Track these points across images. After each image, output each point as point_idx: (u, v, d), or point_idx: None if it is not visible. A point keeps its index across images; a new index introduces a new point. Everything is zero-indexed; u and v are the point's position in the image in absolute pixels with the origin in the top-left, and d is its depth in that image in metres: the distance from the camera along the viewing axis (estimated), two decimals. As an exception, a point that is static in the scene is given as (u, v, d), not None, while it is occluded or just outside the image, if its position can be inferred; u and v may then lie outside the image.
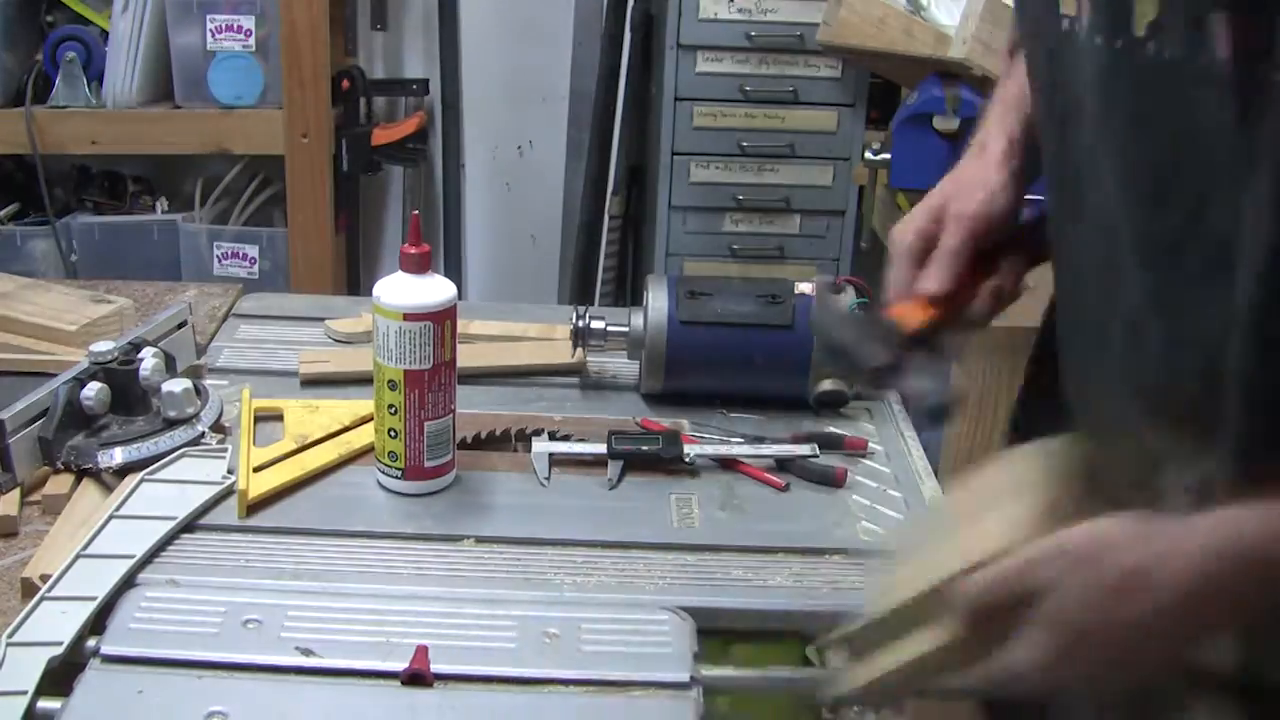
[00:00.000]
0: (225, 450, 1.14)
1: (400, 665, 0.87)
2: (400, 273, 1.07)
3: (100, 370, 1.16)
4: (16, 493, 1.08)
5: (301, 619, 0.92)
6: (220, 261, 2.47)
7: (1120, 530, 0.73)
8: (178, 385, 1.16)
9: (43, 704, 0.83)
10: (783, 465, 1.17)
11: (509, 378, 1.35)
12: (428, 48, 2.71)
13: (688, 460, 1.17)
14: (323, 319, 1.46)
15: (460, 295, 1.10)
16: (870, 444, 1.23)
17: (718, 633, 0.96)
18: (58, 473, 1.12)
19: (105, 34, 2.34)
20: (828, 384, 1.27)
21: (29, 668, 0.84)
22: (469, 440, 1.20)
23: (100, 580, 0.94)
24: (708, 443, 1.19)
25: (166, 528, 1.01)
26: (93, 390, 1.13)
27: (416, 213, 1.12)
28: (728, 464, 1.18)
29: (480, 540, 1.05)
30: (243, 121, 2.36)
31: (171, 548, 1.01)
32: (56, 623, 0.89)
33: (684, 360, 1.27)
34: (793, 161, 2.38)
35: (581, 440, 1.20)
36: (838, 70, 2.33)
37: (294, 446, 1.15)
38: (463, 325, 1.11)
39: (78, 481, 1.11)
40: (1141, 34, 0.71)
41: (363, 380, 1.17)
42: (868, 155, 2.04)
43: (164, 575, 0.97)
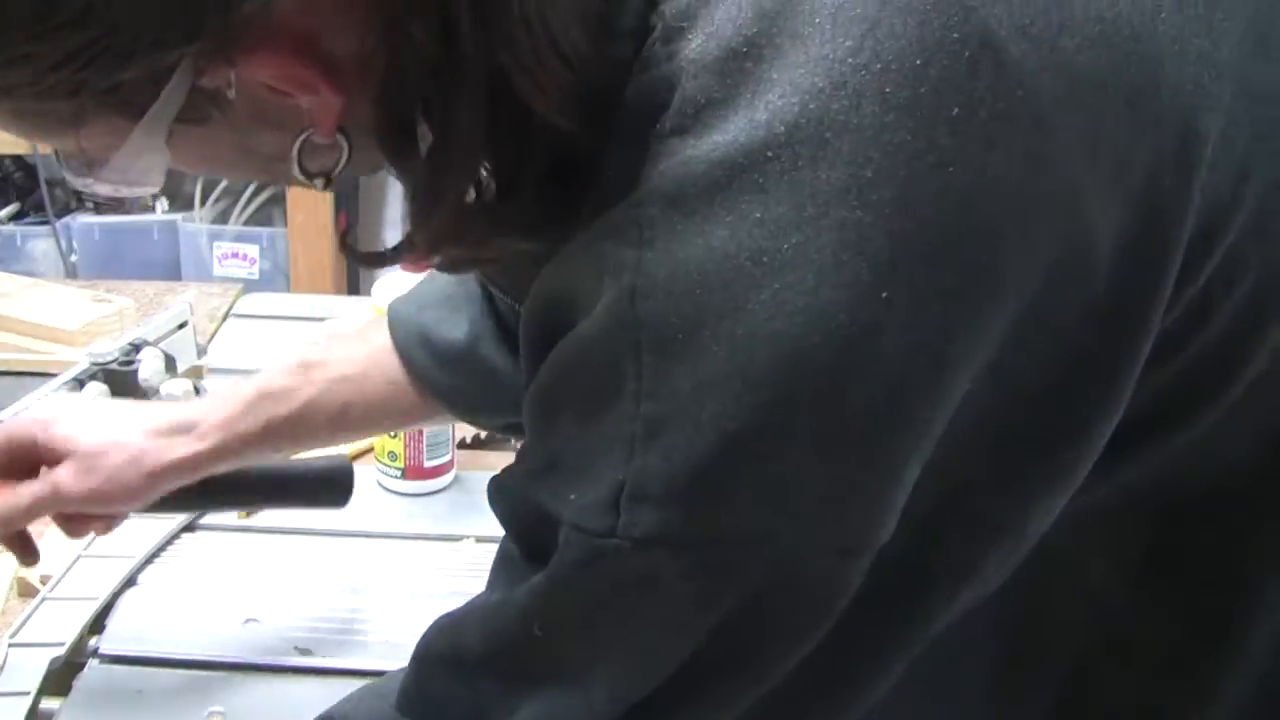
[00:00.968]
0: (225, 450, 1.14)
1: (400, 665, 0.87)
2: (400, 273, 1.07)
3: (100, 371, 1.16)
4: (17, 493, 1.09)
5: (301, 619, 0.92)
6: (220, 261, 2.47)
7: None
8: (177, 386, 1.16)
9: (43, 704, 0.83)
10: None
11: (509, 378, 1.34)
12: (427, 48, 2.71)
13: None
14: (323, 319, 1.46)
15: (460, 295, 1.10)
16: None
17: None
18: (58, 473, 1.12)
19: (105, 34, 2.34)
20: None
21: (31, 668, 0.84)
22: (468, 440, 1.20)
23: (101, 581, 0.94)
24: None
25: (168, 528, 1.01)
26: (92, 391, 1.13)
27: (416, 213, 1.12)
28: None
29: (480, 540, 1.05)
30: (243, 121, 2.36)
31: (172, 547, 1.01)
32: (58, 623, 0.89)
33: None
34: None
35: (581, 440, 1.20)
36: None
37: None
38: (462, 325, 1.10)
39: (78, 481, 1.11)
40: None
41: (362, 380, 1.17)
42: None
43: (165, 575, 0.97)
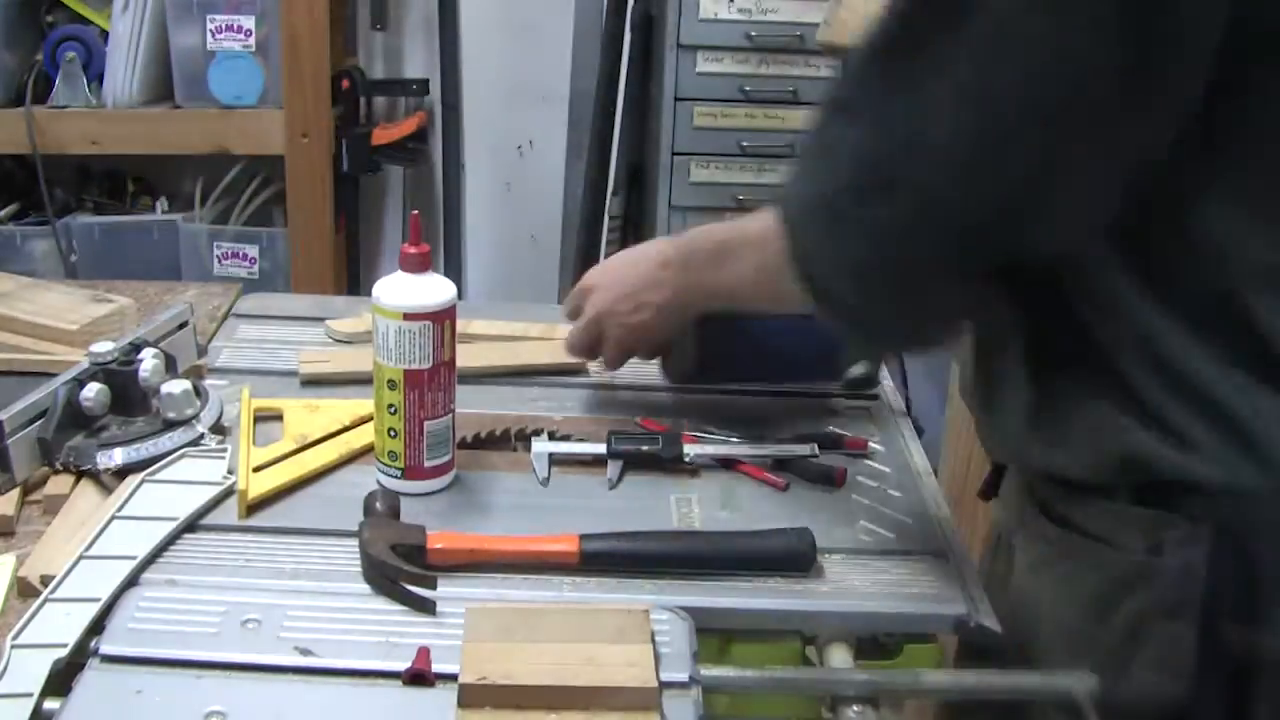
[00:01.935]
0: (225, 451, 1.14)
1: (400, 665, 0.87)
2: (400, 272, 1.07)
3: (100, 371, 1.16)
4: (16, 493, 1.09)
5: (301, 619, 0.92)
6: (220, 261, 2.47)
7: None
8: (177, 386, 1.16)
9: (44, 704, 0.83)
10: (782, 465, 1.17)
11: (509, 378, 1.35)
12: (428, 48, 2.71)
13: (688, 460, 1.17)
14: (323, 319, 1.46)
15: (460, 295, 1.10)
16: (870, 444, 1.24)
17: (717, 632, 0.96)
18: (57, 473, 1.12)
19: (105, 34, 2.34)
20: (858, 369, 1.27)
21: (34, 669, 0.84)
22: (469, 440, 1.20)
23: (103, 581, 0.94)
24: (708, 442, 1.19)
25: (168, 528, 1.01)
26: (92, 391, 1.13)
27: (416, 213, 1.13)
28: (728, 464, 1.18)
29: (480, 540, 1.05)
30: (243, 121, 2.36)
31: (172, 548, 1.01)
32: (60, 624, 0.89)
33: (715, 353, 1.25)
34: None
35: (581, 440, 1.20)
36: (838, 70, 2.32)
37: (294, 446, 1.15)
38: (463, 325, 1.11)
39: (78, 482, 1.11)
40: None
41: (363, 380, 1.17)
42: (867, 155, 2.04)
43: (164, 575, 0.97)
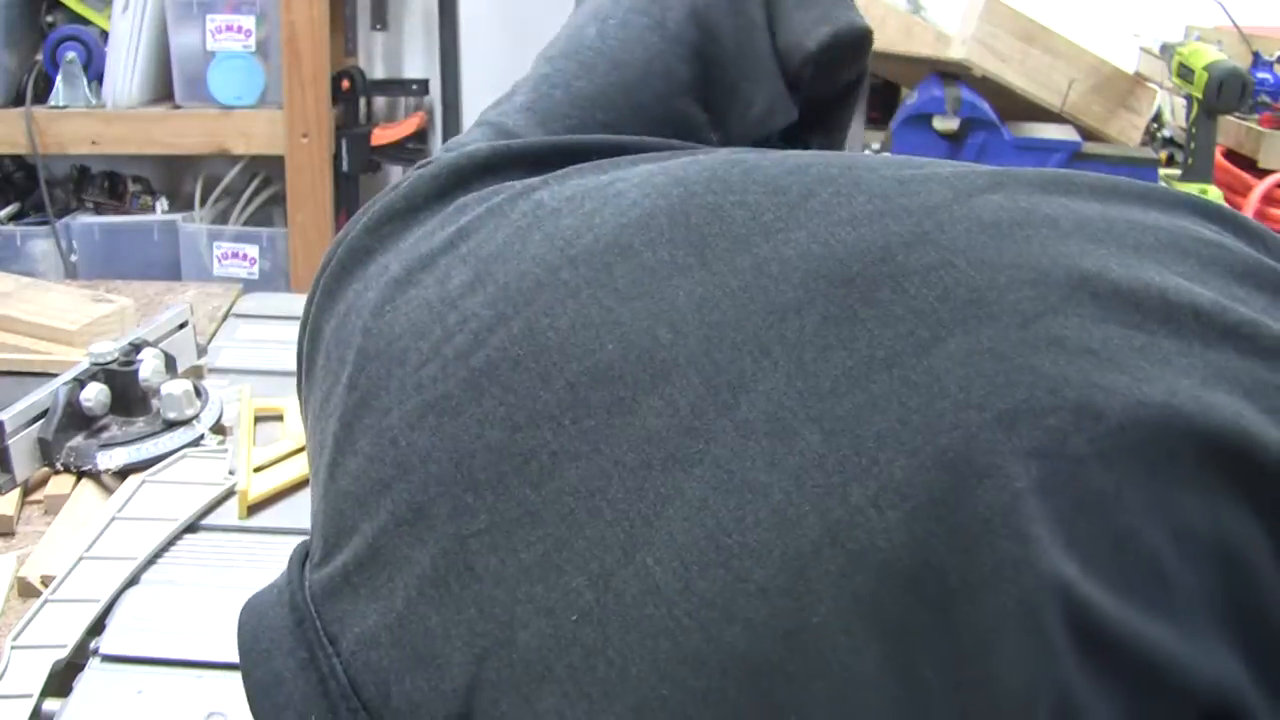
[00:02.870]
0: (226, 451, 1.14)
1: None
2: (400, 273, 1.07)
3: (100, 371, 1.16)
4: (16, 493, 1.09)
5: (302, 619, 0.92)
6: (220, 261, 2.47)
7: None
8: (177, 387, 1.16)
9: (44, 705, 0.83)
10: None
11: (509, 378, 1.34)
12: (428, 48, 2.71)
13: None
14: (323, 319, 1.46)
15: (460, 296, 1.10)
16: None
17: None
18: (57, 474, 1.12)
19: (105, 34, 2.34)
20: None
21: (34, 670, 0.84)
22: (469, 440, 1.20)
23: (103, 582, 0.94)
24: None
25: (169, 529, 1.01)
26: (92, 391, 1.13)
27: (417, 213, 1.12)
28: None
29: (480, 541, 1.05)
30: (243, 121, 2.36)
31: (173, 548, 1.01)
32: (60, 625, 0.89)
33: None
34: (793, 161, 2.37)
35: (582, 440, 1.20)
36: (838, 70, 2.32)
37: (295, 446, 1.15)
38: (463, 326, 1.10)
39: (78, 482, 1.11)
40: None
41: (363, 381, 1.17)
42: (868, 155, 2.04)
43: (165, 575, 0.97)
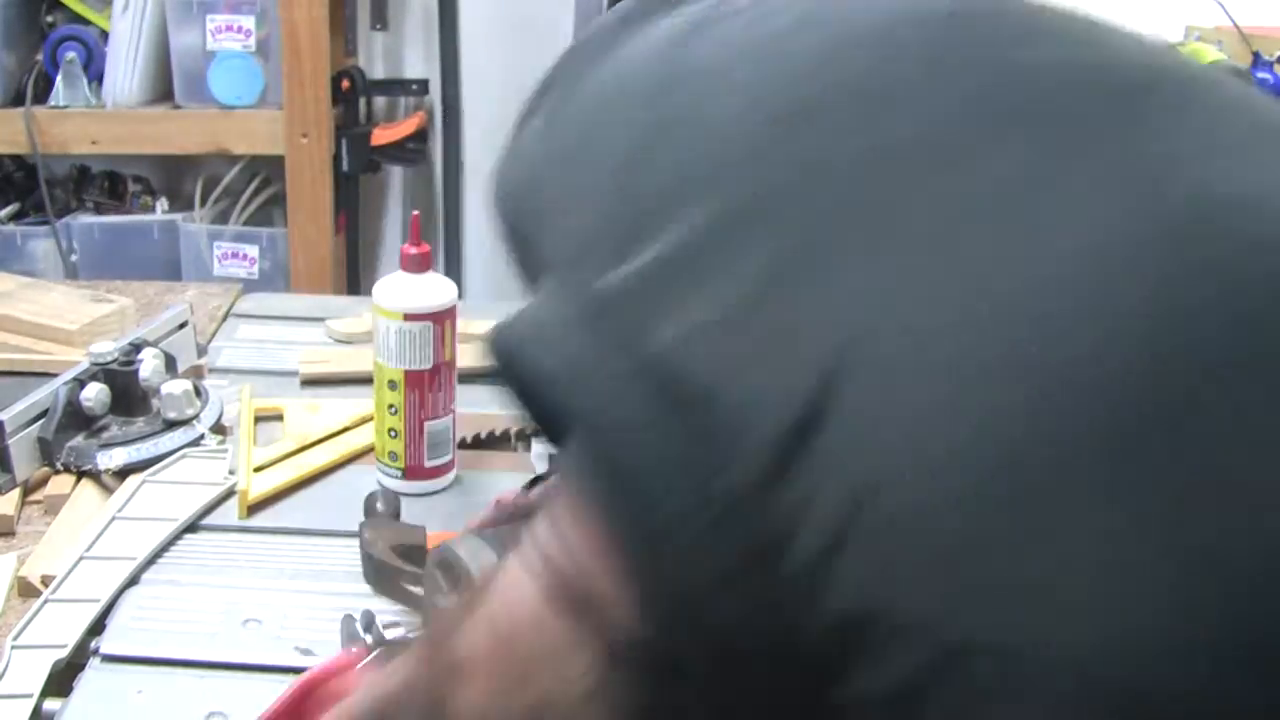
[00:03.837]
0: (226, 451, 1.14)
1: (401, 665, 0.87)
2: (400, 273, 1.07)
3: (100, 371, 1.16)
4: (17, 493, 1.09)
5: (301, 619, 0.92)
6: (220, 261, 2.47)
7: None
8: (177, 386, 1.16)
9: (44, 705, 0.83)
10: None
11: (509, 378, 1.34)
12: (428, 48, 2.70)
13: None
14: (323, 319, 1.47)
15: (460, 295, 1.10)
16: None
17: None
18: (57, 473, 1.12)
19: (105, 34, 2.34)
20: None
21: (34, 670, 0.84)
22: (469, 440, 1.20)
23: (103, 582, 0.94)
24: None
25: (169, 529, 1.02)
26: (93, 391, 1.13)
27: (417, 213, 1.13)
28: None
29: (480, 540, 1.05)
30: (243, 121, 2.36)
31: (173, 548, 1.01)
32: (60, 625, 0.89)
33: None
34: (793, 161, 2.38)
35: (581, 440, 1.20)
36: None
37: (294, 447, 1.16)
38: (463, 325, 1.11)
39: (78, 482, 1.11)
40: None
41: (363, 380, 1.17)
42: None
43: (165, 575, 0.97)
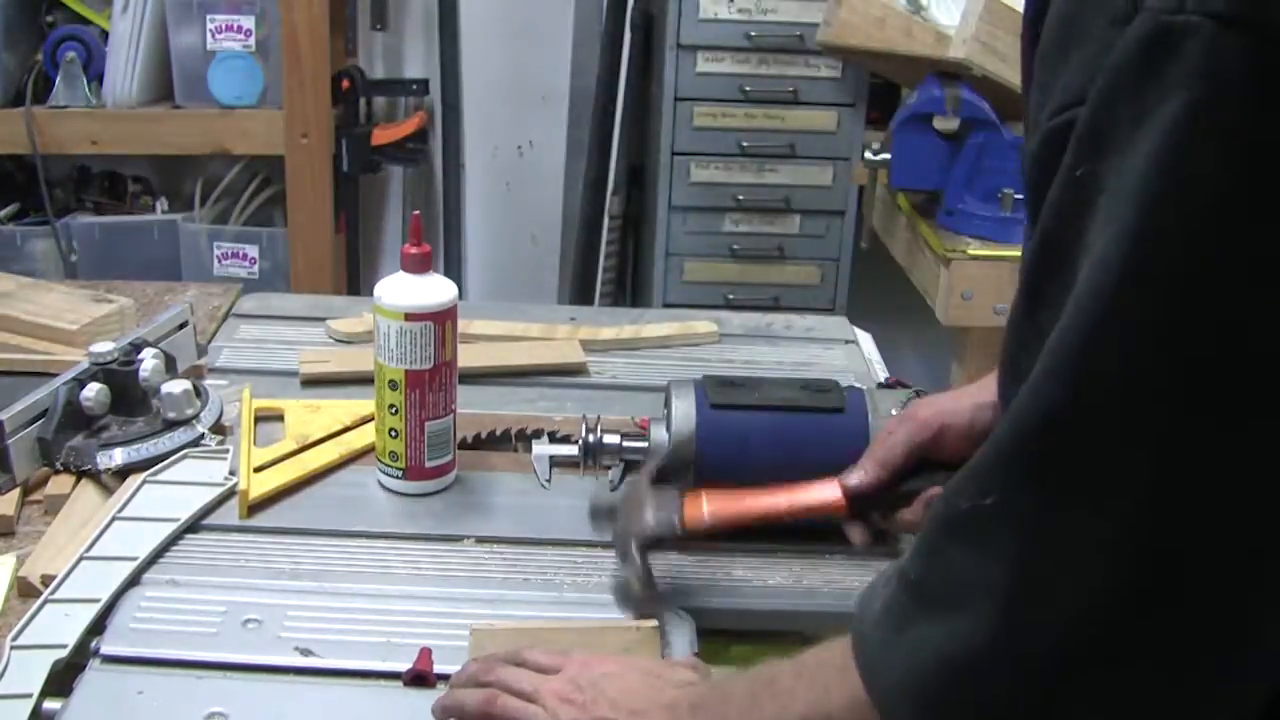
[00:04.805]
0: (227, 451, 1.14)
1: (401, 666, 0.87)
2: (401, 273, 1.07)
3: (100, 371, 1.16)
4: (16, 493, 1.08)
5: (301, 619, 0.92)
6: (220, 261, 2.47)
7: None
8: (177, 386, 1.16)
9: (44, 705, 0.83)
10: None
11: (509, 378, 1.35)
12: (428, 48, 2.70)
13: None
14: (323, 319, 1.46)
15: (460, 295, 1.10)
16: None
17: (718, 633, 0.96)
18: (57, 473, 1.12)
19: (105, 34, 2.34)
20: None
21: (34, 670, 0.84)
22: (469, 440, 1.20)
23: (103, 582, 0.94)
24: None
25: (169, 529, 1.01)
26: (92, 391, 1.13)
27: (417, 213, 1.13)
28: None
29: (480, 540, 1.05)
30: (243, 121, 2.36)
31: (173, 548, 1.01)
32: (60, 625, 0.89)
33: (718, 453, 1.05)
34: (793, 162, 2.38)
35: (582, 440, 1.20)
36: (838, 70, 2.33)
37: (295, 447, 1.15)
38: (463, 325, 1.11)
39: (78, 482, 1.11)
40: None
41: (363, 380, 1.17)
42: (868, 155, 2.04)
43: (165, 576, 0.97)
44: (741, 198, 2.39)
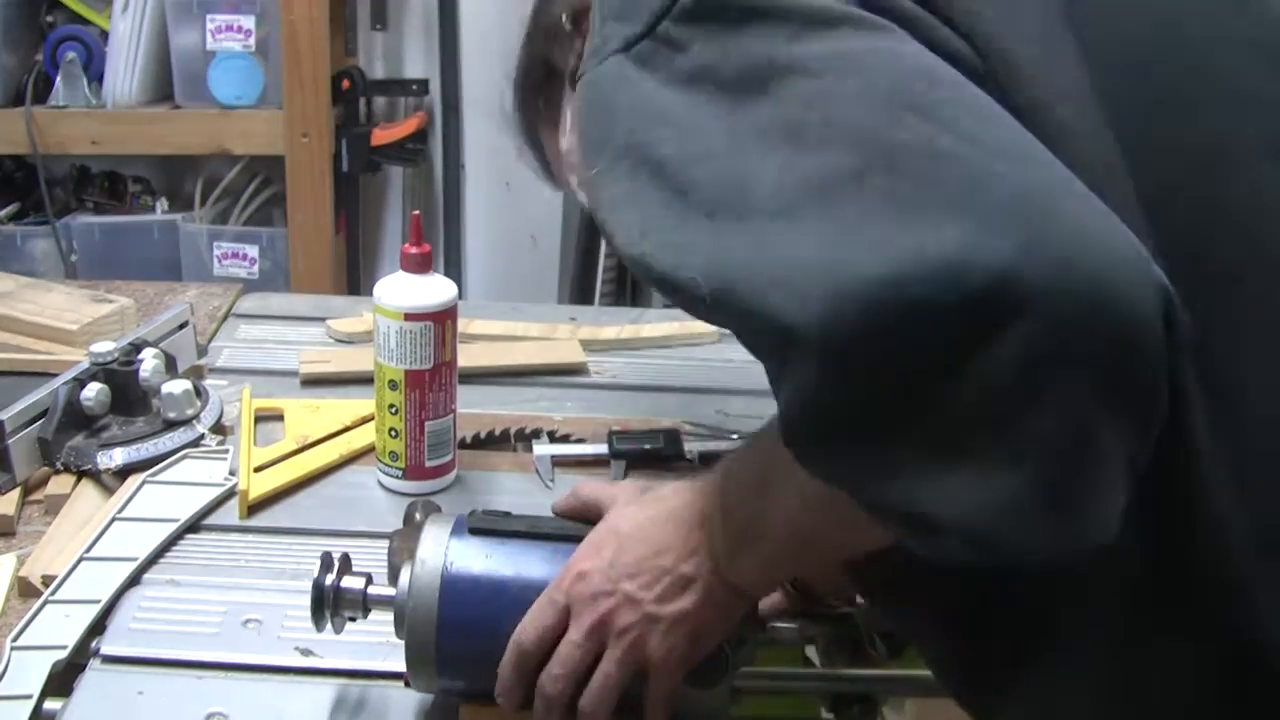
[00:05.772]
0: (227, 451, 1.14)
1: (400, 666, 0.87)
2: (401, 273, 1.07)
3: (100, 371, 1.16)
4: (17, 493, 1.08)
5: (301, 619, 0.91)
6: (220, 261, 2.47)
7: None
8: (178, 386, 1.16)
9: (44, 705, 0.83)
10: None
11: (509, 378, 1.35)
12: (428, 48, 2.70)
13: (690, 458, 1.17)
14: (323, 319, 1.46)
15: (460, 295, 1.10)
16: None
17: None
18: (57, 473, 1.12)
19: (105, 34, 2.34)
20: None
21: (34, 671, 0.84)
22: (469, 440, 1.20)
23: (103, 583, 0.94)
24: (709, 440, 1.19)
25: (169, 530, 1.01)
26: (93, 391, 1.13)
27: (417, 213, 1.13)
28: (728, 464, 1.18)
29: (481, 540, 1.04)
30: (243, 121, 2.35)
31: (173, 549, 1.01)
32: (60, 626, 0.89)
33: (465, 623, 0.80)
34: (793, 161, 2.37)
35: (582, 441, 1.20)
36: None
37: (295, 447, 1.15)
38: (463, 325, 1.11)
39: (78, 482, 1.11)
40: None
41: (363, 380, 1.17)
42: (868, 155, 2.04)
43: (165, 576, 0.97)
44: (741, 197, 2.38)
